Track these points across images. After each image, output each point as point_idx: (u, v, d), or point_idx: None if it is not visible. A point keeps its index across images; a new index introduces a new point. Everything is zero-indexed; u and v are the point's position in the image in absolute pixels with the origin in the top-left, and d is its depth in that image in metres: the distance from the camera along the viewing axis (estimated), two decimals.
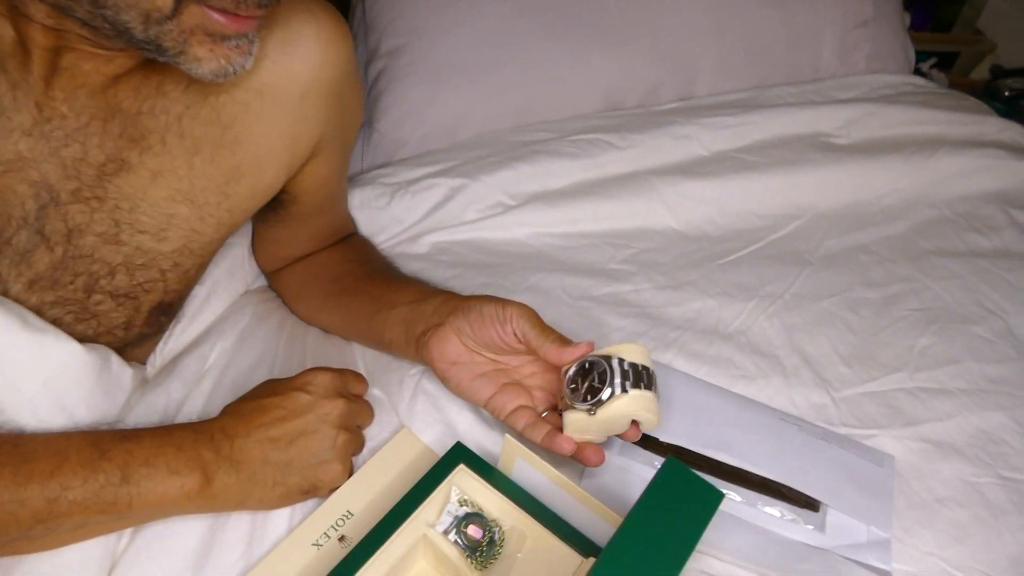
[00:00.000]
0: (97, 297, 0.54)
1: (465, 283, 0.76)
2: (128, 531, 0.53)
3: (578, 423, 0.53)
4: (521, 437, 0.55)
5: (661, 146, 0.90)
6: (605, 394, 0.51)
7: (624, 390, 0.51)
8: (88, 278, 0.53)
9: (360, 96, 0.68)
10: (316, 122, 0.58)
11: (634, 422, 0.54)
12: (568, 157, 0.88)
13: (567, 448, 0.53)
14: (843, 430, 0.65)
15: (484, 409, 0.58)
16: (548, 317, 0.73)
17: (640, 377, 0.52)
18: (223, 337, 0.68)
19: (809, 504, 0.60)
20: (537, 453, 0.52)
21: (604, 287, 0.77)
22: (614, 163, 0.88)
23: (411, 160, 0.89)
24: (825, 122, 0.96)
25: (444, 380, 0.59)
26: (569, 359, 0.54)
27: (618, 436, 0.55)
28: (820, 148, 0.93)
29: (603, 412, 0.51)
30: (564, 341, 0.54)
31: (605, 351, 0.54)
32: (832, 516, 0.58)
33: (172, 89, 0.51)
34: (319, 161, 0.62)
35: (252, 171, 0.56)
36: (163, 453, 0.48)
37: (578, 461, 0.54)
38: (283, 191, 0.63)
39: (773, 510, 0.59)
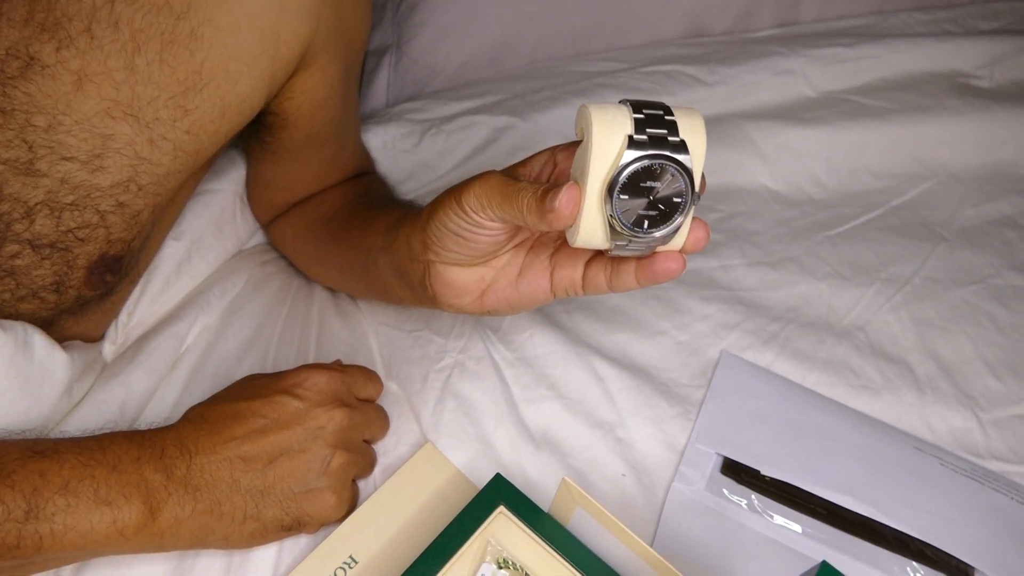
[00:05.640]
0: (11, 248, 0.41)
1: None
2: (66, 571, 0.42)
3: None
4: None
5: (757, 83, 0.78)
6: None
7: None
8: None
9: None
10: (304, 15, 0.45)
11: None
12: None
13: (675, 269, 0.36)
14: (995, 465, 0.54)
15: (559, 297, 0.42)
16: (611, 300, 0.60)
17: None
18: (206, 310, 0.56)
19: (960, 571, 0.47)
20: (603, 504, 0.40)
21: None
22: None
23: (447, 92, 0.78)
24: (964, 59, 0.82)
25: (493, 313, 0.43)
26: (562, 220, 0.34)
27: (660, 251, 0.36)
28: (956, 92, 0.79)
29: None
30: (543, 191, 0.35)
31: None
32: None
33: None
34: (312, 72, 0.49)
35: (218, 78, 0.43)
36: (91, 475, 0.37)
37: (651, 280, 0.37)
38: (269, 112, 0.51)
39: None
